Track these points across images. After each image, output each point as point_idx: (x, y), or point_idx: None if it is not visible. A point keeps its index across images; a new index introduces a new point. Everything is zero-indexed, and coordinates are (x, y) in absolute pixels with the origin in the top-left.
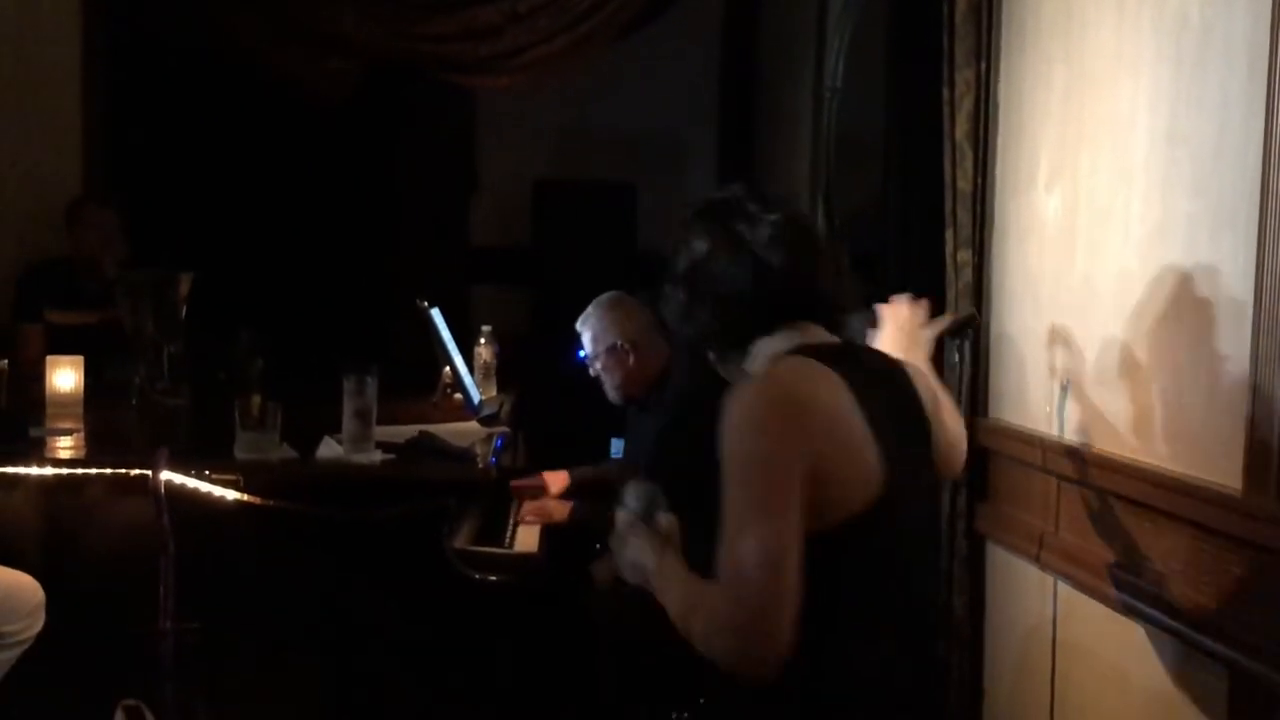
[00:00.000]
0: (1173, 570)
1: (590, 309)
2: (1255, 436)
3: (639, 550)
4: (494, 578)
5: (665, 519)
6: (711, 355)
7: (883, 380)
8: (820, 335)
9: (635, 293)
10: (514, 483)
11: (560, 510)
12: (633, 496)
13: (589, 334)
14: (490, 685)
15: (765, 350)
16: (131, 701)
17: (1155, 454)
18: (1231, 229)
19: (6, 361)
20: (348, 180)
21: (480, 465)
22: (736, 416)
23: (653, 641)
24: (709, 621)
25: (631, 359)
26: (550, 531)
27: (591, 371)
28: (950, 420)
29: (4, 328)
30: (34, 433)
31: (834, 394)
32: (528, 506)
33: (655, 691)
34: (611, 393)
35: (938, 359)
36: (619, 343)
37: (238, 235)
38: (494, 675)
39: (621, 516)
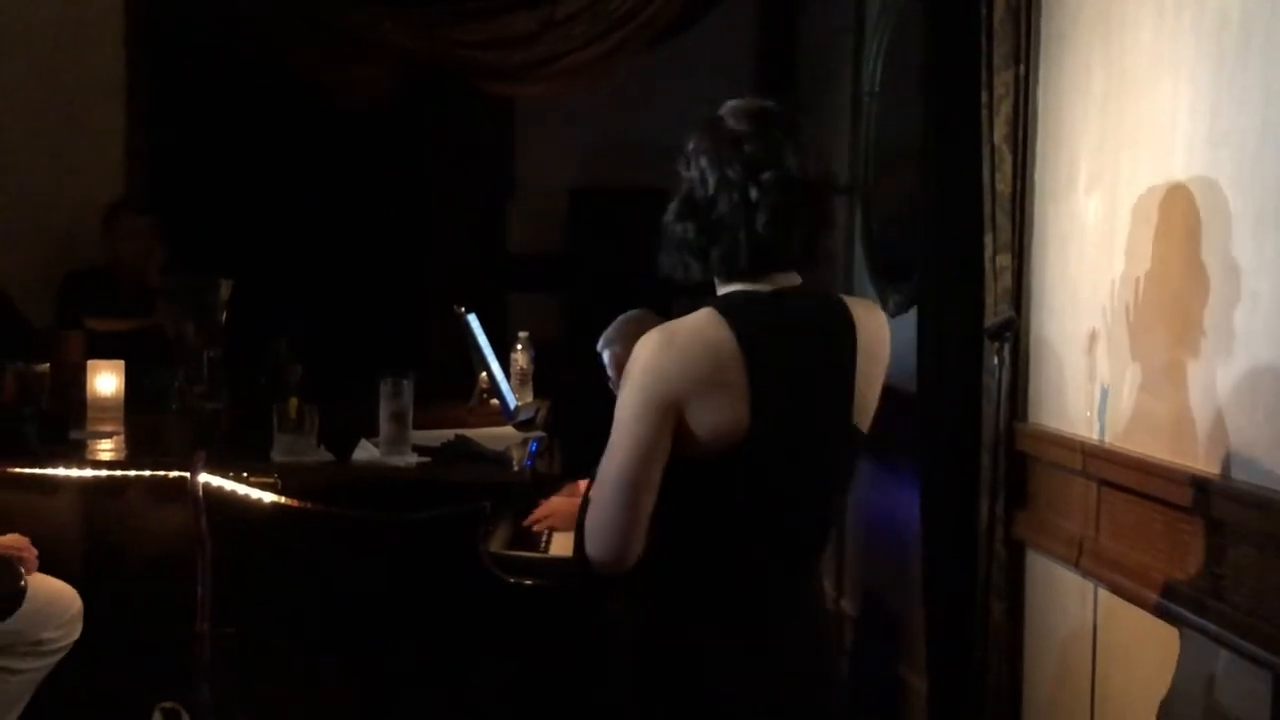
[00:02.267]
0: (1215, 575)
1: (608, 334)
2: None
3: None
4: (529, 582)
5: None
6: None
7: (800, 337)
8: (766, 284)
9: (673, 301)
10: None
11: (567, 516)
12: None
13: (608, 355)
14: (526, 690)
15: (721, 289)
16: (169, 704)
17: (1197, 458)
18: (1275, 229)
19: (48, 366)
20: (386, 187)
21: (515, 468)
22: (634, 365)
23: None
24: (586, 514)
25: None
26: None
27: (615, 391)
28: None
29: (46, 334)
30: (74, 435)
31: (720, 354)
32: (536, 514)
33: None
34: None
35: (977, 364)
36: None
37: (277, 241)
38: (529, 679)
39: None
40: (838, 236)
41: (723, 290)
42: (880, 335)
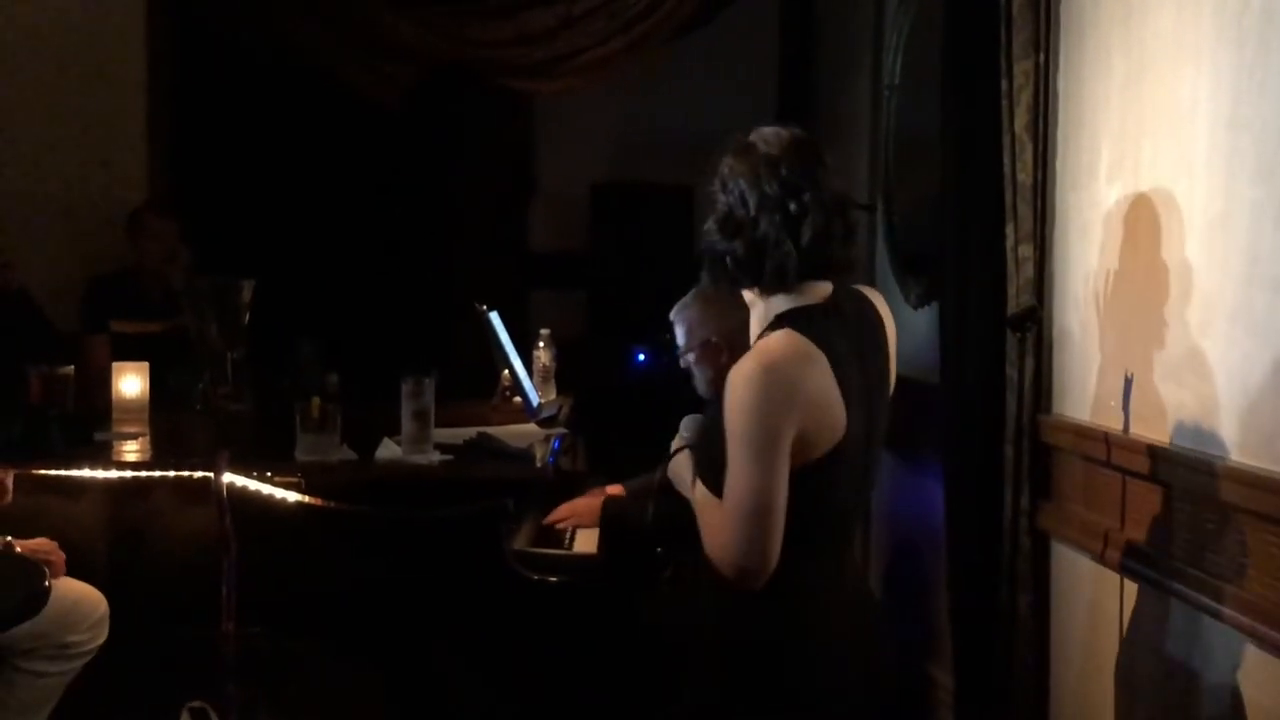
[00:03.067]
0: (1242, 566)
1: (687, 299)
2: None
3: (682, 466)
4: (553, 579)
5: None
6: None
7: (855, 337)
8: (816, 292)
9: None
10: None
11: (589, 513)
12: (686, 427)
13: (684, 326)
14: (550, 687)
15: (771, 309)
16: (197, 704)
17: (1223, 447)
18: None
19: (73, 368)
20: (407, 185)
21: (538, 466)
22: (741, 395)
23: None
24: (715, 537)
25: (725, 356)
26: (610, 533)
27: (682, 364)
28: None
29: (71, 337)
30: (99, 437)
31: (817, 371)
32: (559, 511)
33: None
34: (702, 387)
35: (1000, 355)
36: (713, 338)
37: (299, 240)
38: (554, 677)
39: (676, 441)
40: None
41: (772, 302)
42: (891, 323)
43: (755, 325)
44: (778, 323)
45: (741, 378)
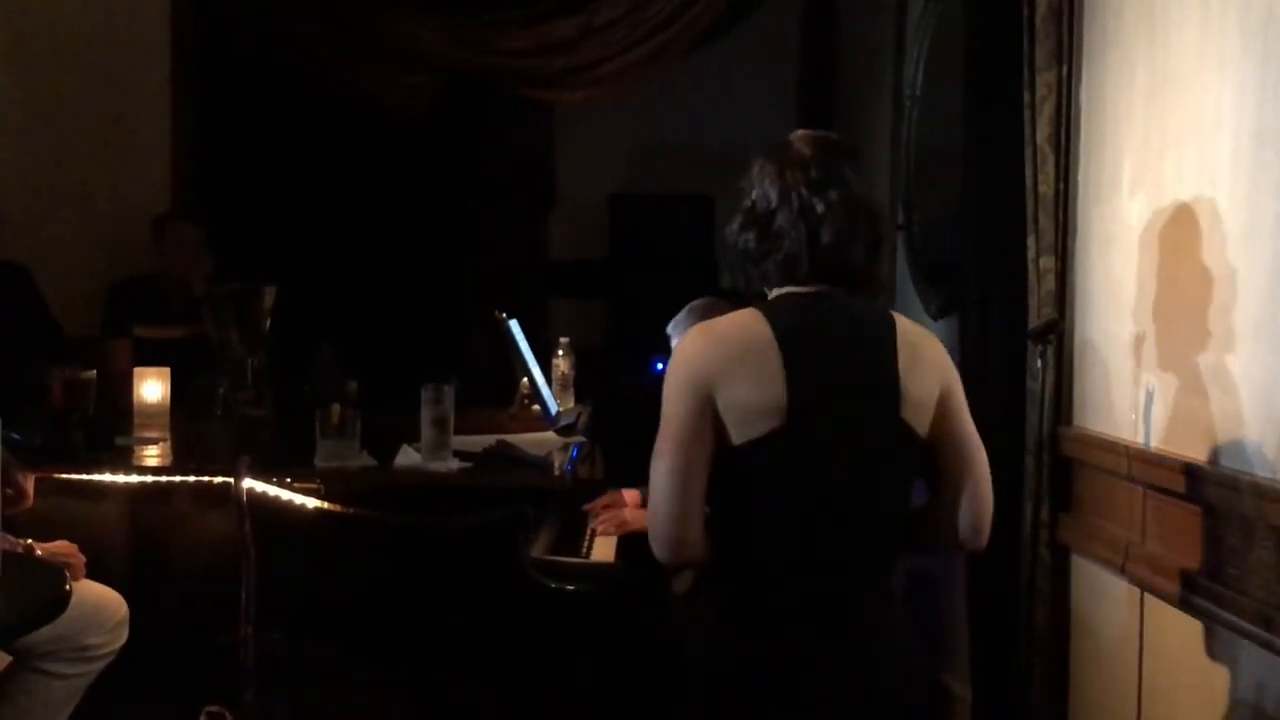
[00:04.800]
0: (1263, 580)
1: (684, 313)
2: None
3: None
4: (571, 587)
5: None
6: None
7: (842, 335)
8: (819, 288)
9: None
10: (587, 505)
11: (638, 519)
12: None
13: (679, 340)
14: (568, 695)
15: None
16: (215, 708)
17: (1247, 462)
18: None
19: (95, 372)
20: (427, 194)
21: (556, 473)
22: (675, 354)
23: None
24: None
25: None
26: (628, 541)
27: None
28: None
29: (94, 342)
30: (120, 441)
31: (747, 335)
32: (603, 517)
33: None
34: None
35: (1020, 367)
36: None
37: (321, 248)
38: (572, 685)
39: None
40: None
41: (775, 294)
42: (929, 341)
43: None
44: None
45: (684, 336)
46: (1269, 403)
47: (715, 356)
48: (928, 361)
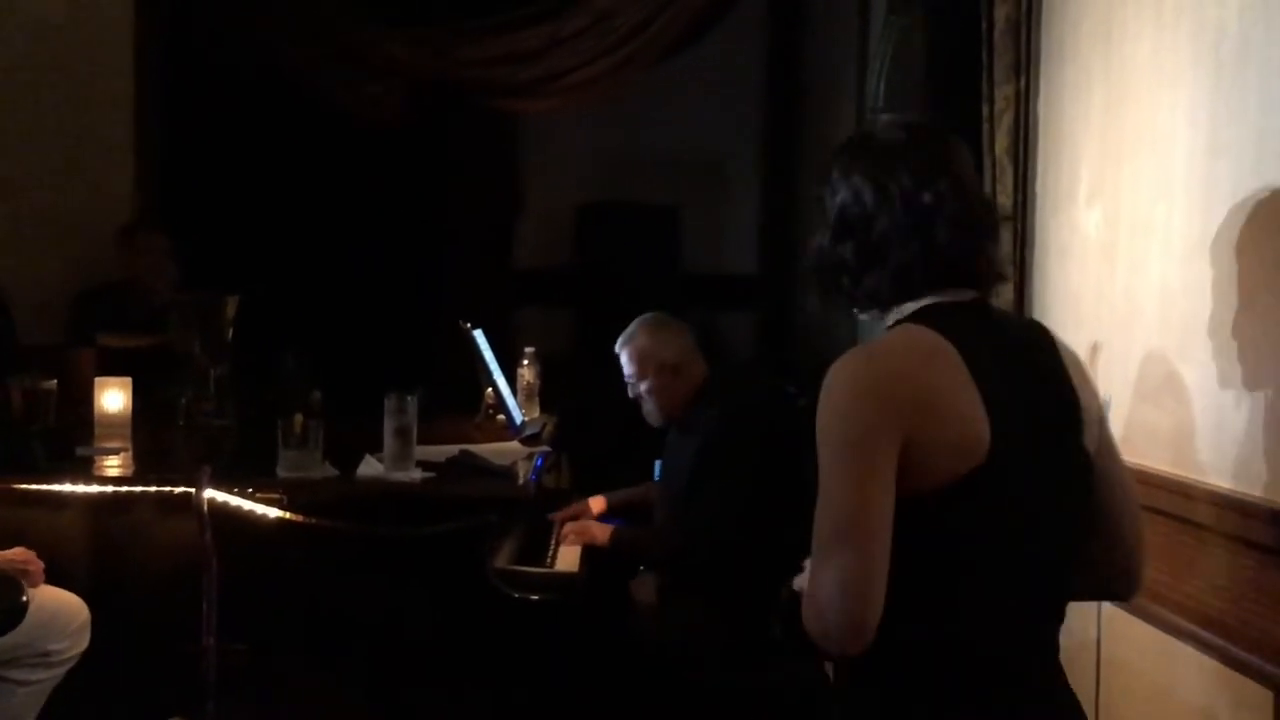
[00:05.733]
0: (1217, 587)
1: (631, 330)
2: None
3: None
4: (535, 597)
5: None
6: (855, 310)
7: (1016, 349)
8: (960, 294)
9: (681, 315)
10: (551, 515)
11: (602, 532)
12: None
13: (628, 355)
14: (533, 705)
15: (901, 312)
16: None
17: (1199, 469)
18: (1273, 238)
19: (56, 382)
20: (394, 203)
21: (520, 482)
22: (833, 394)
23: (693, 660)
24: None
25: (671, 382)
26: (592, 551)
27: (631, 393)
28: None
29: (56, 351)
30: (81, 451)
31: (941, 365)
32: (569, 527)
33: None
34: (651, 414)
35: None
36: (659, 366)
37: (286, 257)
38: (536, 695)
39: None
40: None
41: (897, 314)
42: (1077, 359)
43: None
44: (897, 325)
45: (835, 371)
46: (1222, 412)
47: (900, 389)
48: (1085, 375)
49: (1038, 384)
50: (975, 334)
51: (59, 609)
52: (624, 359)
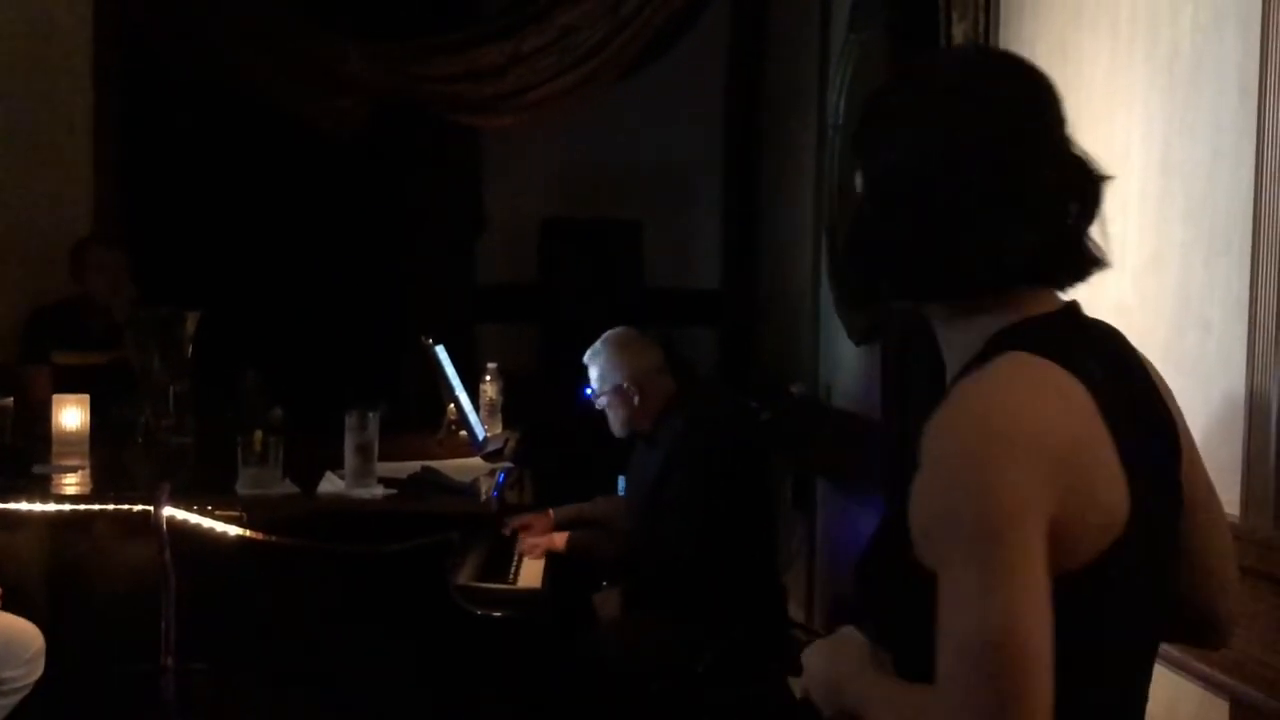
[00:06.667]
0: None
1: (599, 345)
2: (1252, 463)
3: (842, 656)
4: (497, 614)
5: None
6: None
7: (1121, 372)
8: (1041, 302)
9: (644, 329)
10: (509, 522)
11: (560, 539)
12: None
13: (596, 370)
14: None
15: (978, 330)
16: None
17: None
18: (1225, 255)
19: (12, 400)
20: (355, 218)
21: (482, 499)
22: (954, 468)
23: (658, 673)
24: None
25: (637, 398)
26: (554, 566)
27: (597, 406)
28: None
29: (11, 368)
30: (38, 469)
31: (1074, 413)
32: (528, 542)
33: None
34: (616, 428)
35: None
36: (625, 383)
37: (246, 272)
38: (501, 711)
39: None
40: (812, 268)
41: (976, 321)
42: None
43: (954, 361)
44: (996, 346)
45: (950, 442)
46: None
47: (1057, 443)
48: (1169, 390)
49: (1148, 419)
50: (1091, 362)
51: (13, 636)
52: (592, 373)
